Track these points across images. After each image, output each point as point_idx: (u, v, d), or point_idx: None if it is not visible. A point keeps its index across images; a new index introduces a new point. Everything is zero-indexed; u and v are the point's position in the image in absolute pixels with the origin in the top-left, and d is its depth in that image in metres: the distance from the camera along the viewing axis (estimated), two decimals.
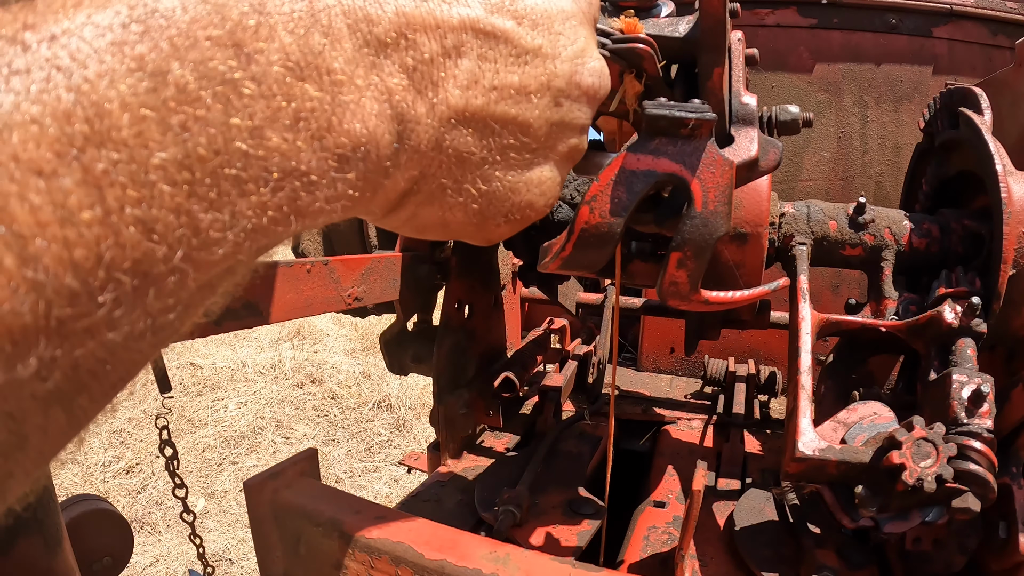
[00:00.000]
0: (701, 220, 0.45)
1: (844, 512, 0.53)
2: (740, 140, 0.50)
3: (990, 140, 0.59)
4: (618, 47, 0.45)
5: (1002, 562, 0.55)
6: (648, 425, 0.97)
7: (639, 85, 0.47)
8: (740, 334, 1.10)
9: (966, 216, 0.66)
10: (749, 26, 1.17)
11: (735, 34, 0.53)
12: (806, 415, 0.53)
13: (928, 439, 0.47)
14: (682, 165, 0.45)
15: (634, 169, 0.45)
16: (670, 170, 0.45)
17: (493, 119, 0.37)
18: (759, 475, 0.76)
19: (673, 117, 0.43)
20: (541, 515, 0.71)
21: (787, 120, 0.57)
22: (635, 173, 0.45)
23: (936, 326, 0.57)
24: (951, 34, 1.16)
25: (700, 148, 0.45)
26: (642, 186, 0.45)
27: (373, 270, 0.77)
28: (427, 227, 0.40)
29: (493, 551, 0.50)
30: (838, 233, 0.67)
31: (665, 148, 0.45)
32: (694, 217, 0.45)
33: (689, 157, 0.45)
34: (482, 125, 0.36)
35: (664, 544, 0.67)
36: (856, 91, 1.18)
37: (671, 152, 0.45)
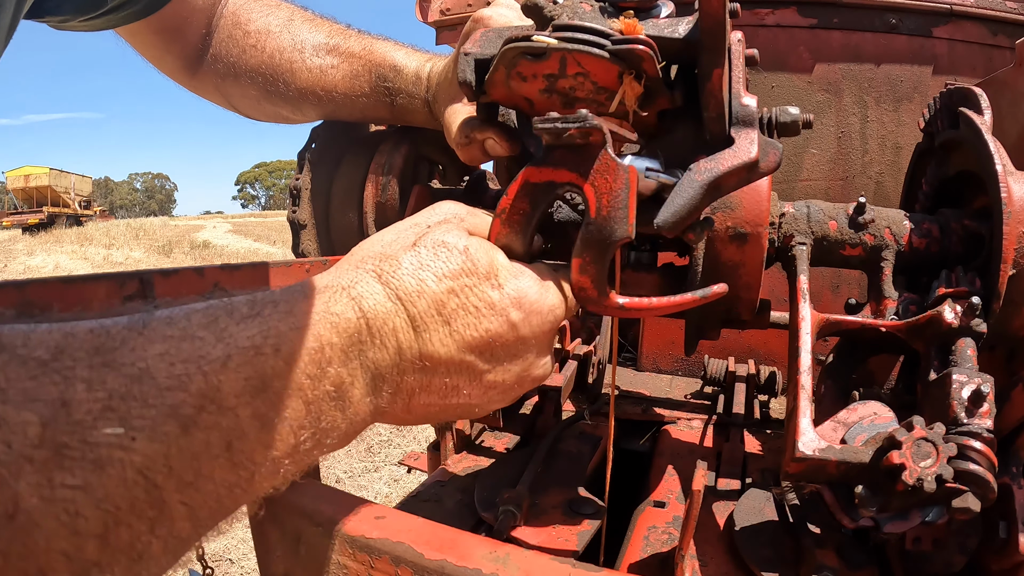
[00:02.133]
0: (596, 226, 0.47)
1: (844, 512, 0.53)
2: (740, 142, 0.50)
3: (990, 140, 0.59)
4: (617, 48, 0.45)
5: (1002, 562, 0.55)
6: (648, 425, 0.97)
7: (639, 86, 0.47)
8: (740, 334, 1.10)
9: (966, 216, 0.66)
10: (749, 26, 1.17)
11: (735, 35, 0.53)
12: (806, 415, 0.53)
13: (928, 439, 0.47)
14: (577, 173, 0.47)
15: (536, 181, 0.48)
16: (567, 179, 0.47)
17: (450, 405, 0.48)
18: (759, 475, 0.76)
19: (556, 128, 0.45)
20: (541, 515, 0.71)
21: (787, 121, 0.56)
22: (537, 185, 0.48)
23: (936, 326, 0.57)
24: (951, 34, 1.16)
25: (592, 156, 0.46)
26: (544, 196, 0.48)
27: None
28: None
29: (493, 551, 0.50)
30: (838, 233, 0.67)
31: (565, 159, 0.47)
32: (589, 223, 0.47)
33: (583, 165, 0.47)
34: (440, 407, 0.48)
35: (664, 544, 0.67)
36: (856, 91, 1.18)
37: (568, 162, 0.47)
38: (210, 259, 12.89)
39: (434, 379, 0.45)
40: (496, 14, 0.71)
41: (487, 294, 0.46)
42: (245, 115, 0.99)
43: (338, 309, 0.41)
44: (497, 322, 0.46)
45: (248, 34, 0.88)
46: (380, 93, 0.86)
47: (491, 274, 0.46)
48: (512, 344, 0.47)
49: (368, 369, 0.41)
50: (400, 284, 0.43)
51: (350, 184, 0.94)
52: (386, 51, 0.86)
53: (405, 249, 0.46)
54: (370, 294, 0.42)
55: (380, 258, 0.45)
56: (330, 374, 0.39)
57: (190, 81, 0.95)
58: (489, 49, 0.54)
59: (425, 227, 0.49)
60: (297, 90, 0.87)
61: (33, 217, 22.30)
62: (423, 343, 0.43)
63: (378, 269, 0.44)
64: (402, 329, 0.43)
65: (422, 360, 0.44)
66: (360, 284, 0.43)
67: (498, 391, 0.49)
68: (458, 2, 1.39)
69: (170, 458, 0.30)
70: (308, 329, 0.38)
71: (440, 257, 0.45)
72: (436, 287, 0.44)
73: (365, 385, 0.41)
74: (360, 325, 0.41)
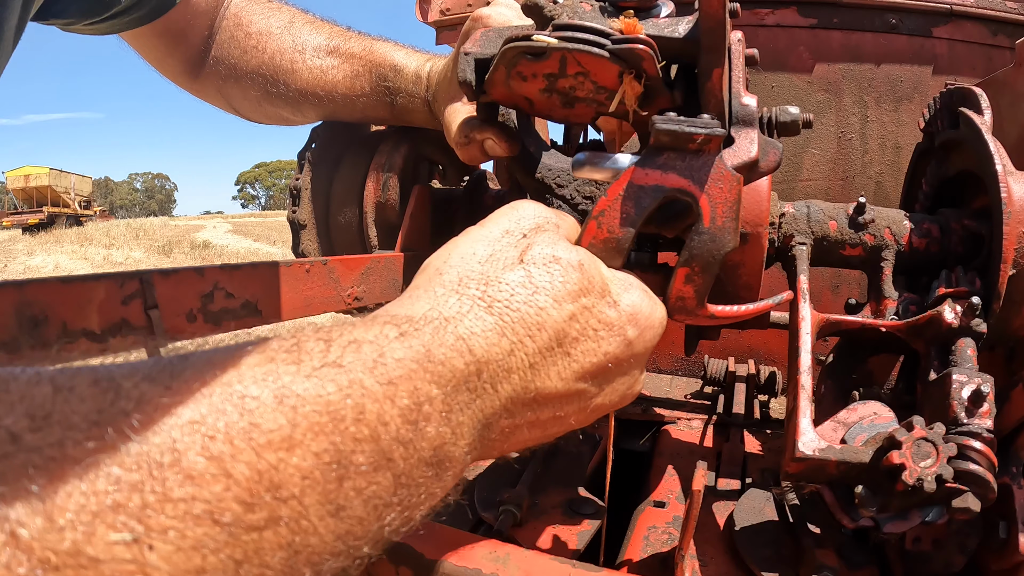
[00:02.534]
0: (709, 236, 0.45)
1: (844, 512, 0.53)
2: (740, 141, 0.49)
3: (990, 140, 0.59)
4: (617, 47, 0.45)
5: (1002, 562, 0.55)
6: (648, 425, 0.97)
7: (639, 86, 0.47)
8: (740, 334, 1.09)
9: (966, 216, 0.66)
10: (749, 26, 1.17)
11: (735, 34, 0.53)
12: (806, 415, 0.53)
13: (928, 439, 0.47)
14: (691, 180, 0.45)
15: (642, 184, 0.45)
16: (678, 185, 0.45)
17: (548, 434, 0.43)
18: (759, 475, 0.76)
19: (682, 132, 0.43)
20: (541, 515, 0.71)
21: (787, 121, 0.56)
22: (643, 188, 0.45)
23: (936, 326, 0.57)
24: (951, 34, 1.16)
25: (709, 163, 0.45)
26: (650, 201, 0.45)
27: (373, 270, 0.77)
28: None
29: (493, 551, 0.50)
30: (838, 233, 0.67)
31: (673, 163, 0.45)
32: (703, 233, 0.45)
33: (697, 172, 0.45)
34: (542, 437, 0.43)
35: (664, 544, 0.67)
36: (856, 91, 1.18)
37: (679, 167, 0.45)
38: (210, 259, 12.89)
39: (542, 413, 0.39)
40: (495, 13, 0.71)
41: (605, 313, 0.41)
42: (246, 117, 0.99)
43: (442, 354, 0.33)
44: (615, 343, 0.41)
45: (249, 36, 0.88)
46: (380, 93, 0.86)
47: (606, 290, 0.42)
48: (625, 363, 0.43)
49: (475, 421, 0.35)
50: (517, 316, 0.37)
51: (350, 184, 0.94)
52: (386, 51, 0.86)
53: (511, 267, 0.39)
54: (482, 331, 0.35)
55: (484, 280, 0.38)
56: (428, 435, 0.31)
57: (192, 84, 0.95)
58: (489, 49, 0.54)
59: (521, 235, 0.42)
60: (297, 91, 0.88)
61: (33, 217, 22.30)
62: (540, 380, 0.38)
63: (486, 297, 0.37)
64: (519, 369, 0.37)
65: (536, 398, 0.38)
66: (468, 317, 0.36)
67: (600, 412, 0.44)
68: (458, 2, 1.39)
69: (205, 573, 0.22)
70: (403, 383, 0.30)
71: (555, 276, 0.39)
72: (557, 315, 0.38)
73: (469, 441, 0.34)
74: (469, 372, 0.34)
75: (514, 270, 0.39)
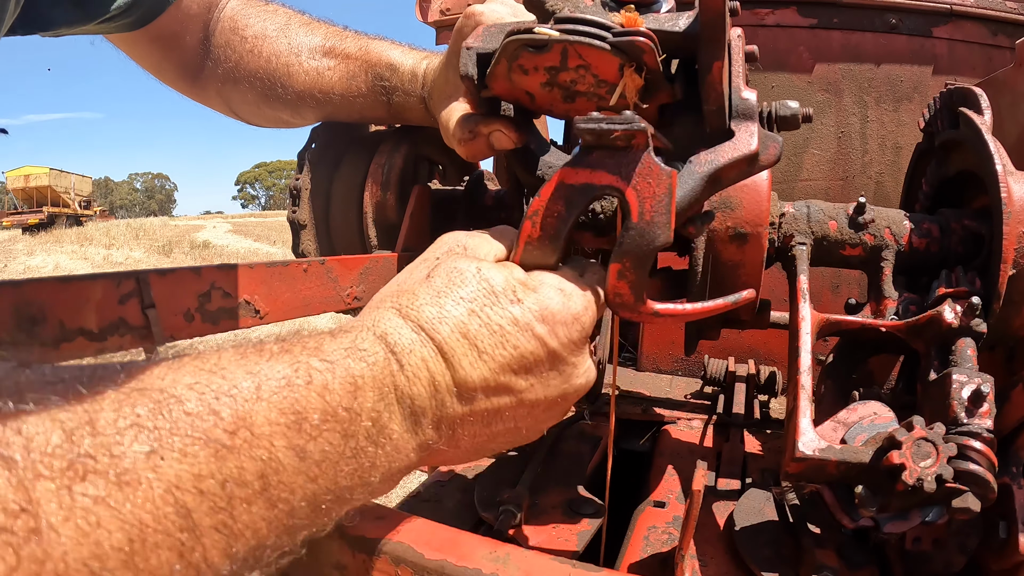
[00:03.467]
0: (638, 231, 0.46)
1: (844, 512, 0.53)
2: (740, 135, 0.50)
3: (990, 140, 0.59)
4: (618, 40, 0.45)
5: (1002, 562, 0.55)
6: (648, 425, 0.97)
7: (639, 79, 0.47)
8: (740, 334, 1.09)
9: (966, 216, 0.66)
10: (749, 26, 1.17)
11: (734, 31, 0.53)
12: (806, 415, 0.53)
13: (928, 439, 0.47)
14: (619, 176, 0.45)
15: (572, 183, 0.46)
16: (606, 182, 0.46)
17: (495, 432, 0.47)
18: (759, 475, 0.76)
19: (601, 130, 0.44)
20: (541, 515, 0.71)
21: (787, 115, 0.57)
22: (573, 187, 0.46)
23: (936, 326, 0.57)
24: (951, 34, 1.16)
25: (636, 159, 0.45)
26: (580, 199, 0.46)
27: (371, 270, 0.77)
28: None
29: (493, 551, 0.49)
30: (838, 233, 0.67)
31: (603, 161, 0.46)
32: (631, 228, 0.46)
33: (625, 168, 0.45)
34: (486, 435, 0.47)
35: (664, 544, 0.67)
36: (856, 91, 1.18)
37: (608, 164, 0.46)
38: (210, 259, 12.89)
39: (474, 406, 0.45)
40: (488, 10, 0.70)
41: (508, 311, 0.45)
42: (247, 121, 0.99)
43: (365, 346, 0.41)
44: (523, 338, 0.45)
45: (245, 39, 0.88)
46: (377, 92, 0.86)
47: (507, 289, 0.46)
48: (545, 359, 0.46)
49: (404, 403, 0.41)
50: (420, 314, 0.43)
51: (350, 184, 0.94)
52: (382, 50, 0.86)
53: (420, 283, 0.46)
54: (393, 328, 0.42)
55: (397, 295, 0.46)
56: (366, 408, 0.38)
57: (191, 89, 0.95)
58: (491, 43, 0.54)
59: (434, 260, 0.49)
60: (295, 93, 0.87)
61: (33, 217, 22.31)
62: (454, 370, 0.43)
63: (396, 304, 0.44)
64: (431, 358, 0.42)
65: (458, 388, 0.43)
66: (382, 321, 0.43)
67: (543, 408, 0.48)
68: (458, 2, 1.39)
69: (201, 480, 0.29)
70: (337, 364, 0.38)
71: (455, 282, 0.45)
72: (455, 311, 0.44)
73: (403, 420, 0.41)
74: (388, 359, 0.41)
75: (422, 284, 0.46)
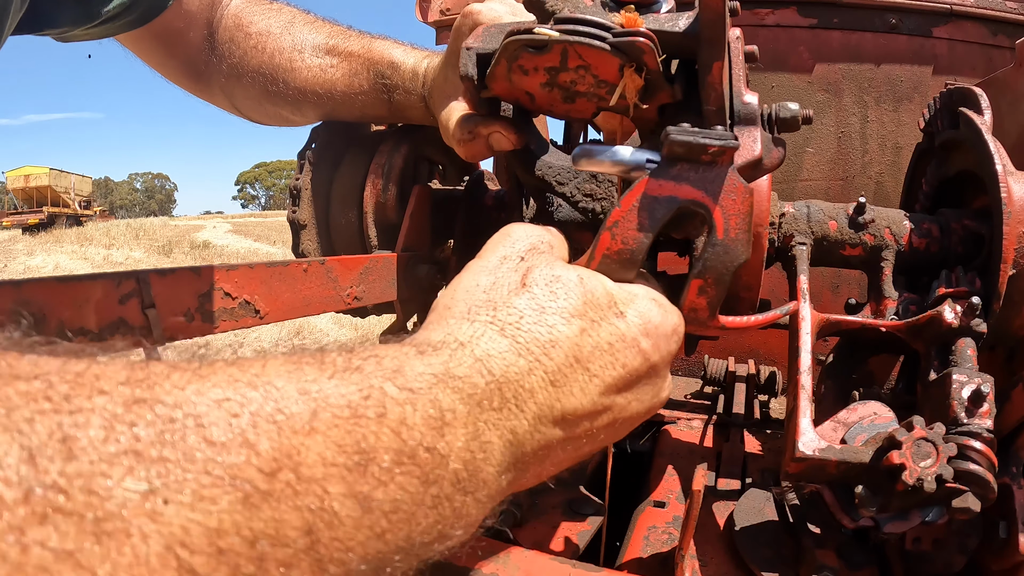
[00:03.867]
0: (723, 248, 0.45)
1: (844, 512, 0.53)
2: (744, 140, 0.50)
3: (990, 140, 0.59)
4: (618, 41, 0.45)
5: (1002, 562, 0.55)
6: (648, 425, 0.97)
7: (639, 79, 0.47)
8: (740, 334, 1.09)
9: (966, 216, 0.66)
10: (749, 26, 1.17)
11: (733, 31, 0.53)
12: (806, 415, 0.53)
13: (928, 439, 0.47)
14: (704, 192, 0.45)
15: (656, 195, 0.45)
16: (692, 196, 0.45)
17: (581, 453, 0.42)
18: (759, 475, 0.76)
19: (696, 144, 0.43)
20: (541, 515, 0.71)
21: (787, 117, 0.57)
22: (657, 199, 0.45)
23: (936, 326, 0.57)
24: (951, 34, 1.16)
25: (722, 175, 0.45)
26: (664, 212, 0.45)
27: (371, 270, 0.77)
28: None
29: (493, 551, 0.49)
30: (838, 233, 0.67)
31: (687, 174, 0.45)
32: (716, 245, 0.45)
33: (711, 184, 0.45)
34: (570, 456, 0.41)
35: (664, 544, 0.67)
36: (856, 91, 1.18)
37: (692, 178, 0.45)
38: (210, 259, 12.89)
39: (574, 432, 0.39)
40: (486, 9, 0.70)
41: (615, 325, 0.41)
42: (249, 118, 1.00)
43: (461, 371, 0.34)
44: (630, 355, 0.41)
45: (249, 36, 0.89)
46: (378, 90, 0.86)
47: (611, 302, 0.41)
48: (645, 374, 0.42)
49: (505, 441, 0.35)
50: (529, 336, 0.37)
51: (350, 184, 0.94)
52: (384, 49, 0.86)
53: (515, 292, 0.40)
54: (497, 352, 0.36)
55: (491, 306, 0.39)
56: (456, 448, 0.31)
57: (196, 87, 0.96)
58: (491, 43, 0.53)
59: (519, 259, 0.43)
60: (297, 89, 0.88)
61: (33, 217, 22.31)
62: (564, 398, 0.38)
63: (496, 321, 0.38)
64: (540, 388, 0.37)
65: (564, 417, 0.38)
66: (483, 340, 0.36)
67: (628, 425, 0.44)
68: (458, 2, 1.39)
69: (221, 536, 0.21)
70: (422, 394, 0.31)
71: (558, 295, 0.40)
72: (568, 331, 0.38)
73: (500, 461, 0.35)
74: (490, 391, 0.34)
75: (519, 294, 0.39)
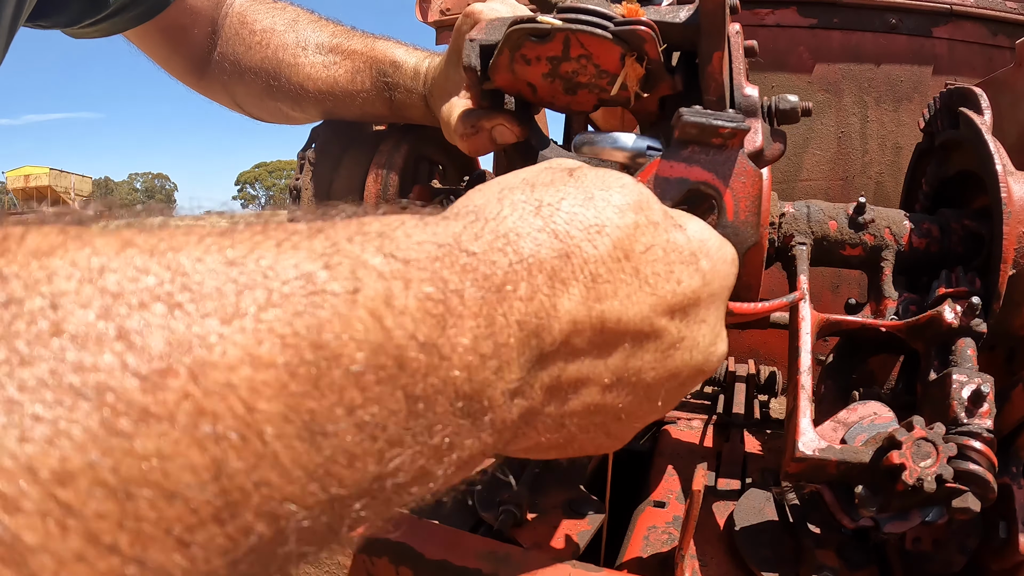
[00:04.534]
0: (733, 230, 0.45)
1: (844, 512, 0.53)
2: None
3: (990, 140, 0.59)
4: (620, 29, 0.46)
5: (1002, 562, 0.55)
6: (648, 425, 0.97)
7: (641, 68, 0.48)
8: (740, 334, 1.09)
9: (966, 216, 0.66)
10: (749, 26, 1.17)
11: (733, 26, 0.54)
12: (806, 415, 0.53)
13: (928, 439, 0.47)
14: (715, 174, 0.45)
15: (667, 176, 0.45)
16: (703, 178, 0.45)
17: (619, 409, 0.33)
18: (759, 475, 0.76)
19: (708, 125, 0.44)
20: (541, 515, 0.71)
21: (787, 108, 0.57)
22: (668, 180, 0.45)
23: (936, 326, 0.57)
24: (951, 34, 1.16)
25: (732, 158, 0.45)
26: (675, 193, 0.45)
27: None
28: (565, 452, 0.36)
29: (493, 551, 0.50)
30: (838, 233, 0.67)
31: (697, 156, 0.45)
32: (726, 227, 0.45)
33: (721, 166, 0.45)
34: (605, 413, 0.33)
35: (664, 544, 0.67)
36: (856, 91, 1.18)
37: (703, 161, 0.45)
38: None
39: (613, 359, 0.31)
40: (487, 9, 0.71)
41: (674, 235, 0.33)
42: (250, 114, 1.01)
43: (478, 248, 0.25)
44: (688, 271, 0.33)
45: (254, 32, 0.91)
46: (380, 89, 0.86)
47: (667, 214, 0.34)
48: (704, 303, 0.35)
49: (525, 348, 0.25)
50: (571, 218, 0.29)
51: (350, 184, 0.94)
52: (387, 48, 0.87)
53: (560, 179, 0.32)
54: (528, 232, 0.27)
55: (530, 186, 0.31)
56: (461, 348, 0.22)
57: (198, 83, 0.97)
58: (494, 35, 0.54)
59: (566, 170, 0.34)
60: (299, 85, 0.89)
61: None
62: (608, 301, 0.29)
63: (532, 200, 0.29)
64: (579, 280, 0.28)
65: (604, 327, 0.29)
66: (512, 217, 0.28)
67: (677, 384, 0.35)
68: (458, 2, 1.39)
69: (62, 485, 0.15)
70: (421, 266, 0.22)
71: (611, 185, 0.32)
72: (620, 220, 0.30)
73: (516, 379, 0.25)
74: (513, 276, 0.25)
75: (565, 181, 0.32)
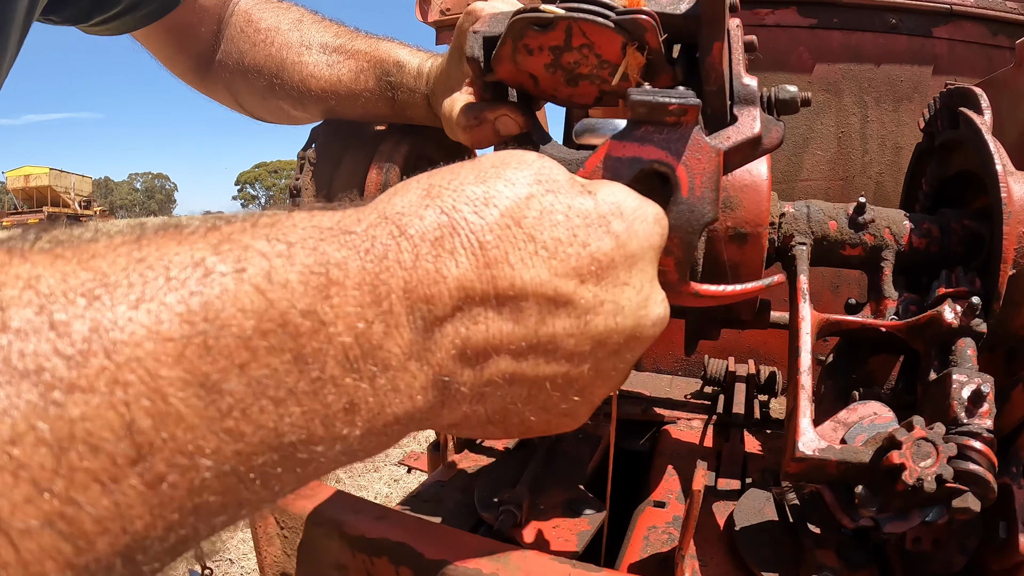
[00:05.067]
0: (688, 206, 0.45)
1: (844, 512, 0.53)
2: (743, 119, 0.50)
3: (990, 140, 0.59)
4: (622, 18, 0.46)
5: (1002, 562, 0.55)
6: (648, 425, 0.97)
7: (642, 57, 0.48)
8: (740, 334, 1.09)
9: (966, 216, 0.66)
10: (749, 26, 1.17)
11: (733, 20, 0.54)
12: (806, 415, 0.53)
13: (928, 439, 0.47)
14: (667, 152, 0.45)
15: (619, 156, 0.46)
16: (655, 157, 0.45)
17: (542, 379, 0.33)
18: (759, 475, 0.76)
19: (656, 103, 0.44)
20: (541, 515, 0.71)
21: (786, 99, 0.57)
22: (620, 160, 0.46)
23: (936, 326, 0.57)
24: (951, 34, 1.16)
25: (686, 135, 0.45)
26: (628, 172, 0.46)
27: None
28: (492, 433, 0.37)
29: (493, 551, 0.50)
30: (838, 233, 0.67)
31: (651, 135, 0.45)
32: (681, 203, 0.45)
33: (675, 144, 0.45)
34: (530, 384, 0.33)
35: (664, 544, 0.67)
36: (856, 91, 1.18)
37: (656, 139, 0.45)
38: None
39: (521, 325, 0.31)
40: (488, 8, 0.71)
41: (577, 200, 0.34)
42: (251, 114, 1.01)
43: (360, 228, 0.27)
44: (597, 234, 0.33)
45: (259, 30, 0.91)
46: (383, 89, 0.87)
47: (574, 183, 0.35)
48: (622, 265, 0.34)
49: (416, 312, 0.27)
50: (459, 195, 0.31)
51: (350, 184, 0.94)
52: (390, 49, 0.88)
53: (461, 165, 0.34)
54: (413, 210, 0.29)
55: (428, 176, 0.33)
56: (345, 313, 0.24)
57: (201, 83, 0.98)
58: (497, 28, 0.54)
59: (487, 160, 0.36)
60: (302, 84, 0.89)
61: (33, 217, 22.32)
62: (497, 266, 0.30)
63: (424, 185, 0.31)
64: (465, 249, 0.29)
65: (498, 294, 0.30)
66: (401, 201, 0.30)
67: (609, 350, 0.34)
68: (458, 2, 1.39)
69: (14, 444, 0.18)
70: (299, 246, 0.24)
71: (509, 164, 0.33)
72: (510, 192, 0.31)
73: (409, 341, 0.27)
74: (394, 245, 0.27)
75: (462, 167, 0.34)
